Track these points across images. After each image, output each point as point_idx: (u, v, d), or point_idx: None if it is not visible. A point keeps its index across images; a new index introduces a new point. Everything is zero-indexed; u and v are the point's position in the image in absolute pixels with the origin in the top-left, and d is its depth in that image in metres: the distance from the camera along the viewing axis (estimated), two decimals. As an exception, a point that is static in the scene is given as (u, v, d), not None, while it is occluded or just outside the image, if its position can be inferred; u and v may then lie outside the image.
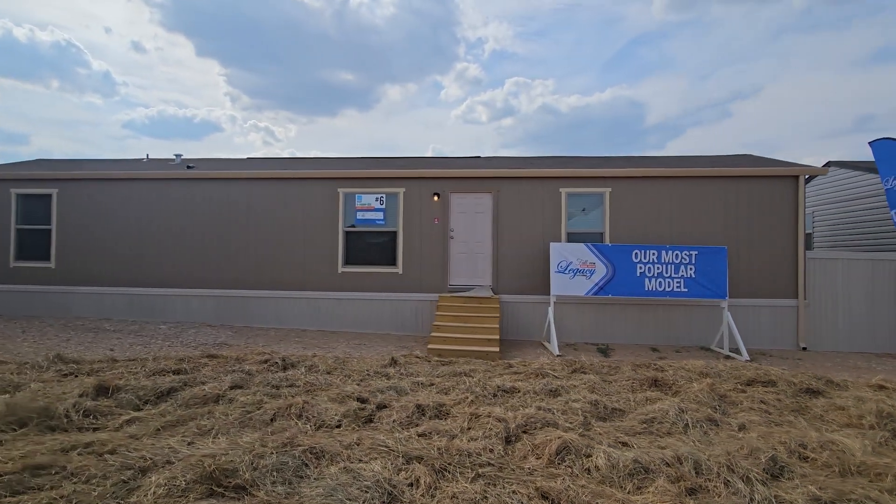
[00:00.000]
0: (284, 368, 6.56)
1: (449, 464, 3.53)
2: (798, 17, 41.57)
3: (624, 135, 58.50)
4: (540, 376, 6.41)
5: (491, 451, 3.78)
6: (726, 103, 49.55)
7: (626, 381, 6.20)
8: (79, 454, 3.56)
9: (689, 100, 53.15)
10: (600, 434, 4.19)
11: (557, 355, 8.40)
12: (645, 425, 4.42)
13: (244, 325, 10.68)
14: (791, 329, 9.75)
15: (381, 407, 4.85)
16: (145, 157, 13.51)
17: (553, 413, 4.70)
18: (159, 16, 51.51)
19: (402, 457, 3.62)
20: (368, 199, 10.57)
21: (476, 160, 12.70)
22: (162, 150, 70.07)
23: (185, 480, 3.20)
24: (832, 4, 37.69)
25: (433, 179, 10.48)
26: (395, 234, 10.51)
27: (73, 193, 11.28)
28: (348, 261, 10.62)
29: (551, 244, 9.23)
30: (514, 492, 3.23)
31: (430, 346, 8.10)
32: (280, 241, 10.76)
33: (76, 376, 6.02)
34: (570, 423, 4.50)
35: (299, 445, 3.68)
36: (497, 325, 8.78)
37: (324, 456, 3.62)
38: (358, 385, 5.35)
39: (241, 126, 63.65)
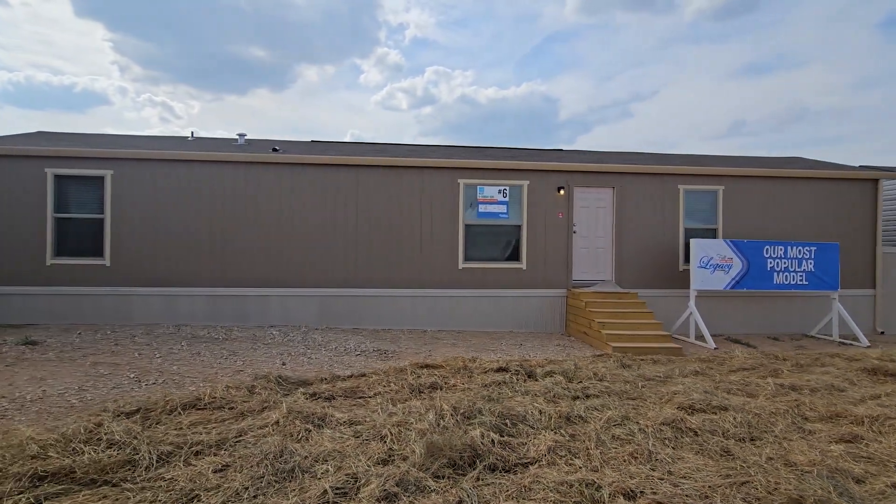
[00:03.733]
0: (529, 376, 6.10)
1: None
2: (686, 29, 47.03)
3: (538, 128, 61.35)
4: (774, 374, 6.58)
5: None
6: (627, 104, 54.49)
7: (854, 373, 6.58)
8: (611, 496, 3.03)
9: (596, 98, 57.65)
10: None
11: (714, 348, 8.67)
12: None
13: (352, 327, 9.71)
14: (869, 316, 10.92)
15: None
16: (190, 134, 11.62)
17: (888, 409, 4.87)
18: (28, -34, 43.44)
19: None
20: (491, 191, 10.04)
21: (594, 154, 12.57)
22: (37, 121, 59.67)
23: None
24: (714, 21, 43.35)
25: (556, 173, 10.21)
26: (518, 228, 10.11)
27: (132, 176, 9.42)
28: (468, 256, 10.05)
29: (692, 240, 9.44)
30: None
31: (612, 343, 7.95)
32: (394, 234, 9.87)
33: (326, 398, 5.13)
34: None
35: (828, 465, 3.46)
36: (656, 320, 8.84)
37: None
38: (698, 394, 5.10)
39: (133, 100, 55.73)
